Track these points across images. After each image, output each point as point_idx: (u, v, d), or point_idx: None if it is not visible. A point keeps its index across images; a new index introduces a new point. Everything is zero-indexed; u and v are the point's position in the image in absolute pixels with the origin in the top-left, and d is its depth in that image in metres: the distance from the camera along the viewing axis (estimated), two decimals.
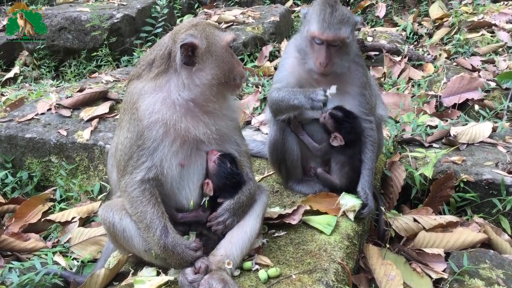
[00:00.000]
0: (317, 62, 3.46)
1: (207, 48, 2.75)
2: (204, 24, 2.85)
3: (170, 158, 2.79)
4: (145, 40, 8.29)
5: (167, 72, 2.79)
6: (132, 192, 2.76)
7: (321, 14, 3.42)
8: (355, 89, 3.64)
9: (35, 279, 3.28)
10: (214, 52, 2.77)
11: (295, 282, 2.76)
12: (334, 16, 3.41)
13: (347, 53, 3.53)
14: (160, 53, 2.81)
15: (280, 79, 3.74)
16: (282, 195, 3.85)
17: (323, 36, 3.40)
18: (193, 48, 2.71)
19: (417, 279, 3.36)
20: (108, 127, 5.16)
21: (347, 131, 3.57)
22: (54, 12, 8.29)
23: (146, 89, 2.80)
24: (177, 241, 2.70)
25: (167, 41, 2.83)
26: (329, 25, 3.39)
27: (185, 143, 2.83)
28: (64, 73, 8.22)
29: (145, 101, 2.77)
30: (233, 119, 3.07)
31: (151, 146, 2.75)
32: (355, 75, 3.65)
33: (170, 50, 2.77)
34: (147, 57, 2.91)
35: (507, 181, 4.08)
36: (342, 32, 3.41)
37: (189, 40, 2.70)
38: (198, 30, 2.77)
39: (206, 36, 2.76)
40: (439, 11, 8.88)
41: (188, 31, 2.76)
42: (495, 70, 6.38)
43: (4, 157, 5.14)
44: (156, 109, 2.75)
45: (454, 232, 3.74)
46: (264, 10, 9.05)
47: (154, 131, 2.74)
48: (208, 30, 2.81)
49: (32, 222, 4.41)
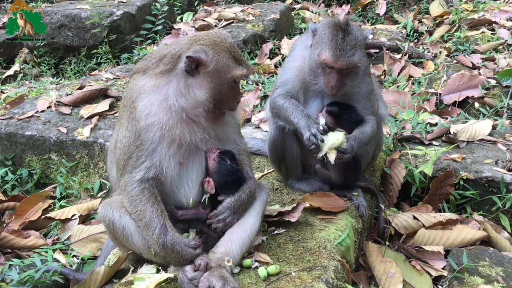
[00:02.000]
0: (329, 85, 3.43)
1: (211, 71, 2.73)
2: (225, 47, 2.78)
3: (169, 158, 2.79)
4: (145, 37, 8.28)
5: (170, 72, 2.78)
6: (131, 191, 2.76)
7: (333, 39, 3.36)
8: (361, 95, 3.64)
9: (35, 276, 3.30)
10: (215, 79, 2.75)
11: (295, 279, 2.76)
12: (347, 41, 3.34)
13: (357, 73, 3.49)
14: (173, 52, 2.79)
15: (286, 81, 3.70)
16: (282, 193, 3.86)
17: (337, 65, 3.35)
18: (198, 63, 2.70)
19: (417, 277, 3.36)
20: (108, 124, 5.16)
21: (348, 122, 3.58)
22: (54, 9, 8.29)
23: (146, 88, 2.79)
24: (176, 240, 2.71)
25: (184, 42, 2.80)
26: (342, 52, 3.33)
27: (182, 146, 2.83)
28: (64, 71, 8.22)
29: (143, 101, 2.77)
30: (231, 124, 3.07)
31: (149, 148, 2.75)
32: (363, 84, 3.63)
33: (181, 53, 2.75)
34: (161, 51, 2.88)
35: (506, 178, 4.08)
36: (355, 58, 3.36)
37: (198, 55, 2.68)
38: (214, 50, 2.73)
39: (217, 61, 2.73)
40: (440, 9, 8.86)
41: (205, 46, 2.72)
42: (495, 68, 6.37)
43: (4, 155, 5.15)
44: (153, 111, 2.74)
45: (454, 229, 3.74)
46: (264, 8, 9.04)
47: (151, 133, 2.74)
48: (223, 55, 2.75)
49: (32, 219, 4.42)
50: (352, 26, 3.42)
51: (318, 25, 3.58)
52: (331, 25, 3.41)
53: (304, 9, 9.76)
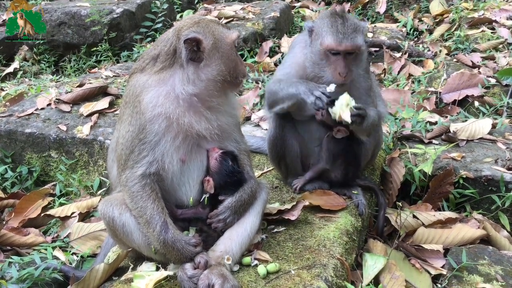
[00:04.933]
0: (336, 73, 3.40)
1: (214, 44, 2.76)
2: (207, 20, 2.85)
3: (172, 153, 2.79)
4: (145, 35, 8.27)
5: (171, 67, 2.79)
6: (132, 187, 2.76)
7: (333, 26, 3.39)
8: (361, 91, 3.63)
9: (35, 273, 3.30)
10: (220, 49, 2.78)
11: (294, 277, 2.76)
12: (347, 26, 3.39)
13: (361, 60, 3.52)
14: (165, 49, 2.80)
15: (285, 75, 3.67)
16: (281, 191, 3.86)
17: (341, 47, 3.36)
18: (197, 43, 2.71)
19: (416, 275, 3.36)
20: (108, 122, 5.15)
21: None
22: (53, 7, 8.27)
23: (150, 82, 2.80)
24: (176, 237, 2.70)
25: (171, 36, 2.82)
26: (344, 35, 3.36)
27: (187, 138, 2.83)
28: (64, 68, 8.21)
29: (149, 94, 2.77)
30: (233, 116, 3.08)
31: (152, 140, 2.75)
32: (362, 79, 3.63)
33: (175, 47, 2.77)
34: (150, 52, 2.90)
35: (506, 177, 4.08)
36: (358, 40, 3.39)
37: (192, 35, 2.70)
38: (201, 27, 2.77)
39: (212, 32, 2.77)
40: (440, 7, 8.85)
41: (192, 28, 2.76)
42: (495, 67, 6.37)
43: (4, 152, 5.15)
44: (160, 102, 2.74)
45: (453, 228, 3.75)
46: (264, 6, 9.03)
47: (157, 125, 2.74)
48: (212, 26, 2.81)
49: (32, 217, 4.42)
50: (348, 14, 3.49)
51: (313, 22, 3.61)
52: (328, 15, 3.49)
53: (304, 8, 9.75)
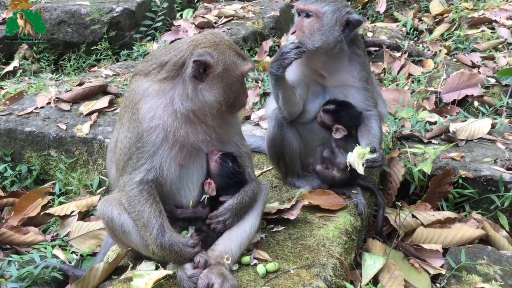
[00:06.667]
0: (293, 29, 3.53)
1: (221, 72, 2.72)
2: (226, 45, 2.78)
3: (170, 161, 2.79)
4: (145, 34, 8.25)
5: (174, 79, 2.75)
6: (130, 192, 2.76)
7: None
8: (356, 81, 3.61)
9: (34, 272, 3.30)
10: (225, 79, 2.75)
11: (293, 277, 2.77)
12: None
13: (319, 29, 3.45)
14: (175, 60, 2.75)
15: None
16: (281, 190, 3.86)
17: (297, 5, 3.54)
18: (206, 66, 2.69)
19: (415, 275, 3.37)
20: (108, 121, 5.16)
21: (346, 118, 3.58)
22: (53, 5, 8.26)
23: (150, 91, 2.78)
24: (174, 240, 2.69)
25: (185, 48, 2.76)
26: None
27: (184, 147, 2.83)
28: (64, 67, 8.20)
29: (147, 104, 2.75)
30: (233, 124, 3.07)
31: (150, 150, 2.75)
32: (354, 66, 3.61)
33: (185, 60, 2.72)
34: (160, 56, 2.84)
35: (505, 177, 4.08)
36: (315, 5, 3.44)
37: (204, 58, 2.67)
38: (217, 51, 2.72)
39: (224, 61, 2.72)
40: (440, 7, 8.85)
41: (208, 49, 2.71)
42: (495, 67, 6.37)
43: (4, 151, 5.15)
44: (158, 114, 2.73)
45: (452, 228, 3.75)
46: (264, 5, 9.02)
47: (154, 136, 2.74)
48: (228, 54, 2.75)
49: (31, 215, 4.42)
50: None
51: None
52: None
53: None
